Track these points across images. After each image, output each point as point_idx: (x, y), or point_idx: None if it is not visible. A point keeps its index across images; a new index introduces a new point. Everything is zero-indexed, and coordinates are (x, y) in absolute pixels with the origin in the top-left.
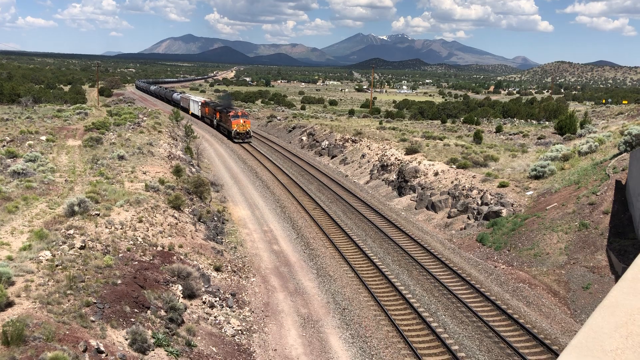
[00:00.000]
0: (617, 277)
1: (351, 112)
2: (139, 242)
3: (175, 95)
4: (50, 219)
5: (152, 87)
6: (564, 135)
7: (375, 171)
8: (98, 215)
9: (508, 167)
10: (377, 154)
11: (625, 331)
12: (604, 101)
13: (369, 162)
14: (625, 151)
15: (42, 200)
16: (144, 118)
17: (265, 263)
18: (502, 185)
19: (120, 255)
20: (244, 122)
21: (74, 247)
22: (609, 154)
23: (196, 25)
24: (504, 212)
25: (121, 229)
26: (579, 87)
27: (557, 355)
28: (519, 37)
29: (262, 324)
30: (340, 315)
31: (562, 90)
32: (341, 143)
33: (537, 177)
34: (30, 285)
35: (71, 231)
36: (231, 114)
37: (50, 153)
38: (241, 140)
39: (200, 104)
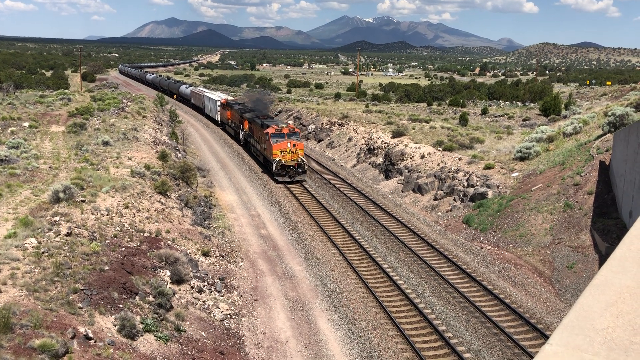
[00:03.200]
0: (601, 256)
1: (337, 96)
2: (125, 228)
3: (183, 88)
4: (35, 206)
5: (149, 76)
6: (548, 116)
7: (362, 154)
8: (84, 201)
9: (494, 149)
10: (363, 138)
11: (616, 310)
12: (588, 82)
13: (355, 145)
14: (609, 132)
15: (26, 187)
16: (128, 103)
17: (253, 247)
18: (488, 167)
19: (107, 241)
20: (294, 146)
21: (60, 234)
22: (593, 135)
23: (179, 9)
24: (490, 193)
25: (107, 215)
26: (563, 68)
27: (542, 333)
28: (504, 18)
29: (251, 308)
30: (329, 298)
31: (547, 72)
32: (328, 127)
33: (522, 159)
34: (16, 272)
35: (57, 218)
36: (270, 130)
37: (34, 139)
38: (289, 179)
39: (219, 103)
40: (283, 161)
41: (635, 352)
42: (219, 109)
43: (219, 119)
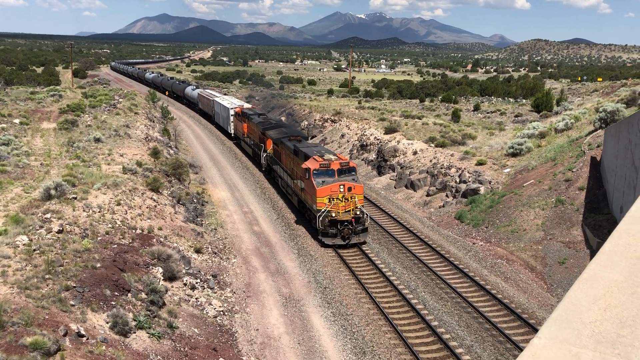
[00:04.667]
0: (592, 251)
1: (330, 92)
2: (117, 225)
3: (189, 90)
4: (26, 203)
5: (149, 75)
6: (540, 112)
7: (355, 151)
8: (75, 198)
9: (486, 145)
10: (356, 134)
11: (604, 303)
12: (579, 79)
13: (348, 141)
14: (600, 128)
15: (17, 184)
16: (120, 99)
17: (246, 244)
18: (480, 163)
19: (99, 238)
20: (349, 190)
21: (51, 231)
22: (585, 130)
23: (171, 5)
24: (482, 189)
25: (99, 212)
26: (555, 64)
27: (533, 328)
28: (497, 15)
29: (244, 305)
30: (322, 294)
31: (539, 68)
32: (320, 123)
33: (514, 155)
34: (7, 270)
35: (48, 215)
36: (312, 165)
37: (25, 136)
38: (342, 242)
39: (233, 112)
40: (334, 214)
41: (622, 344)
42: (232, 118)
43: (232, 132)
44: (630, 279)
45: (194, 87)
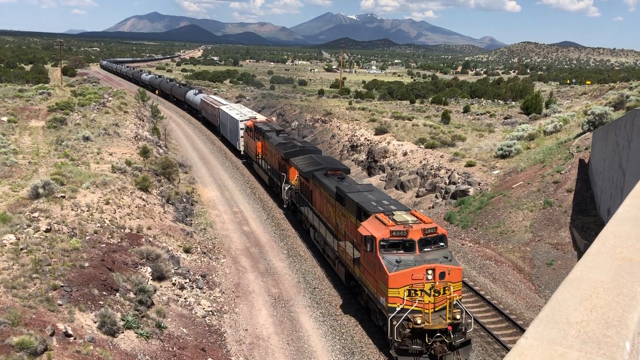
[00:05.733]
0: (580, 253)
1: (321, 92)
2: (106, 225)
3: (191, 95)
4: (13, 201)
5: (145, 76)
6: (529, 115)
7: (345, 151)
8: (64, 197)
9: (475, 146)
10: (347, 135)
11: (590, 304)
12: (568, 81)
13: (338, 142)
14: (588, 130)
15: (4, 182)
16: (109, 98)
17: (236, 244)
18: (470, 165)
19: (87, 238)
20: (441, 277)
21: (39, 230)
22: (573, 133)
23: (162, 3)
24: (471, 191)
25: (88, 211)
26: (544, 67)
27: (521, 329)
28: (487, 17)
29: (233, 305)
30: (311, 295)
31: (528, 71)
32: (311, 123)
33: (503, 157)
34: None
35: (36, 214)
36: (381, 232)
37: (13, 134)
38: None
39: (243, 126)
40: (419, 320)
41: (608, 344)
42: (242, 133)
43: (242, 149)
44: (616, 280)
45: (197, 91)
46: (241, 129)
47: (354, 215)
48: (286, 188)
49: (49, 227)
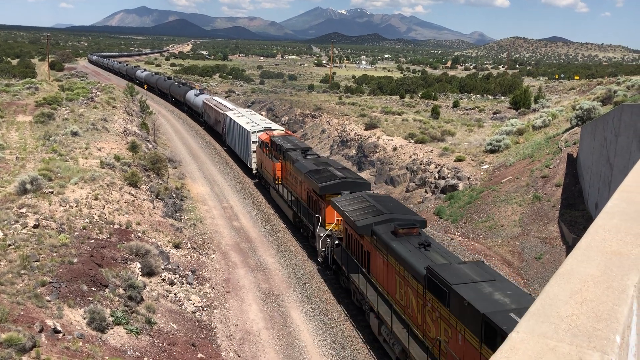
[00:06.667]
0: (568, 247)
1: (310, 87)
2: (95, 220)
3: (192, 96)
4: (1, 197)
5: (140, 73)
6: (518, 110)
7: (335, 146)
8: (52, 193)
9: (464, 141)
10: (337, 130)
11: (580, 298)
12: (557, 77)
13: (329, 137)
14: (576, 125)
15: None
16: (98, 93)
17: (226, 239)
18: (459, 160)
19: (76, 233)
20: None
21: (27, 226)
22: (562, 128)
23: None
24: (461, 185)
25: (76, 206)
26: (533, 62)
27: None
28: (476, 12)
29: (223, 300)
30: (302, 290)
31: (517, 66)
32: (301, 118)
33: (492, 151)
34: None
35: (24, 210)
36: None
37: (0, 129)
38: None
39: (256, 139)
40: None
41: (598, 337)
42: (254, 147)
43: (253, 165)
44: (605, 274)
45: (198, 91)
46: (253, 142)
47: (473, 331)
48: (322, 235)
49: (37, 223)
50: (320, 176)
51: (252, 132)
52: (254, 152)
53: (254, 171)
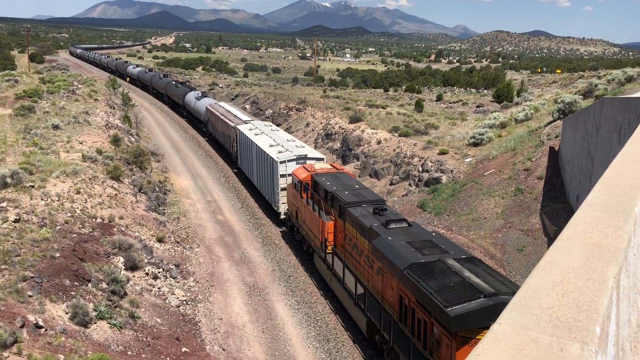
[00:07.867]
0: (550, 239)
1: (295, 80)
2: (77, 214)
3: (192, 98)
4: None
5: (132, 69)
6: (501, 103)
7: (320, 140)
8: (33, 187)
9: (448, 134)
10: (321, 123)
11: (561, 289)
12: (539, 70)
13: (313, 130)
14: (558, 118)
15: None
16: (79, 85)
17: (210, 233)
18: (442, 153)
19: (57, 227)
20: None
21: (7, 221)
22: (544, 121)
23: None
24: (444, 178)
25: (58, 200)
26: (516, 56)
27: None
28: (460, 5)
29: (207, 294)
30: (286, 283)
31: (500, 59)
32: (285, 112)
33: (475, 145)
34: None
35: (4, 204)
36: None
37: None
38: None
39: (289, 175)
40: None
41: (579, 328)
42: (282, 182)
43: (281, 209)
44: (586, 265)
45: (200, 94)
46: (281, 175)
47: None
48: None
49: (17, 217)
50: (441, 285)
51: (280, 162)
52: (282, 189)
53: (282, 216)
